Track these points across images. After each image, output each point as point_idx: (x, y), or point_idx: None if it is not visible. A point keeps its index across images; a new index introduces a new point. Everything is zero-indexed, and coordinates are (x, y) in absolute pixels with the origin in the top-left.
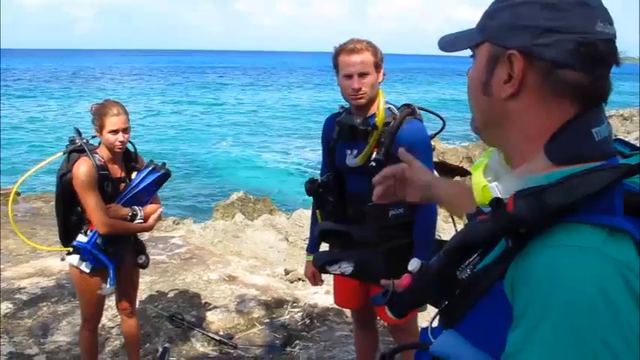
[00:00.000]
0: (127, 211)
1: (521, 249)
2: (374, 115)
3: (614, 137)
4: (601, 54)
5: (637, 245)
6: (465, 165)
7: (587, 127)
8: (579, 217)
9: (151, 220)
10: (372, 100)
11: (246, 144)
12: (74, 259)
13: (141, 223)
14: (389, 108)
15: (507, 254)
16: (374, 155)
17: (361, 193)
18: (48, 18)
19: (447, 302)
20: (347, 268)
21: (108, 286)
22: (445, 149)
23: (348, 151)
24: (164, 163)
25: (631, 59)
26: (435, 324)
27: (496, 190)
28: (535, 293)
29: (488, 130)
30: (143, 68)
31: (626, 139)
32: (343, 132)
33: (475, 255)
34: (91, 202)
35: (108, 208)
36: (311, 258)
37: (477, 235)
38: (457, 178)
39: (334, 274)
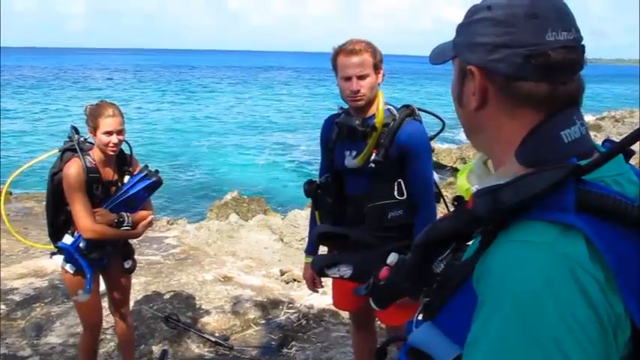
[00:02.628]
0: (112, 217)
1: (488, 246)
2: (373, 116)
3: (607, 138)
4: (555, 62)
5: (588, 242)
6: (459, 165)
7: (554, 130)
8: (534, 215)
9: (139, 228)
10: (371, 101)
11: (238, 143)
12: (59, 258)
13: (128, 229)
14: (388, 109)
15: (478, 251)
16: (373, 156)
17: (360, 194)
18: (39, 16)
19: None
20: (346, 271)
21: (83, 292)
22: (439, 150)
23: (347, 152)
24: (157, 171)
25: (622, 61)
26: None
27: None
28: (489, 286)
29: (471, 137)
30: (133, 67)
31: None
32: (342, 133)
33: (448, 250)
34: (76, 205)
35: (95, 212)
36: (310, 260)
37: (440, 230)
38: (451, 178)
39: (333, 277)
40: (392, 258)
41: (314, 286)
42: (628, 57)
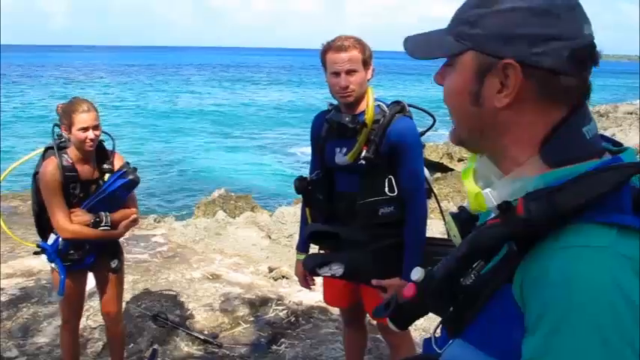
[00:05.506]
0: (88, 217)
1: (527, 252)
2: (363, 113)
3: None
4: (588, 57)
5: None
6: (445, 161)
7: (578, 127)
8: (589, 217)
9: (120, 227)
10: (360, 98)
11: (224, 141)
12: (43, 257)
13: (107, 229)
14: (378, 105)
15: (512, 257)
16: (363, 153)
17: (350, 191)
18: (21, 13)
19: (450, 310)
20: (337, 269)
21: (55, 294)
22: (426, 146)
23: (337, 149)
24: (135, 168)
25: (606, 56)
26: (438, 333)
27: (490, 196)
28: (552, 296)
29: (476, 140)
30: (117, 64)
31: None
32: (332, 130)
33: (480, 260)
34: (52, 204)
35: (71, 213)
36: (302, 257)
37: (489, 239)
38: (438, 174)
39: (325, 276)
40: (418, 274)
41: (306, 283)
42: (612, 53)
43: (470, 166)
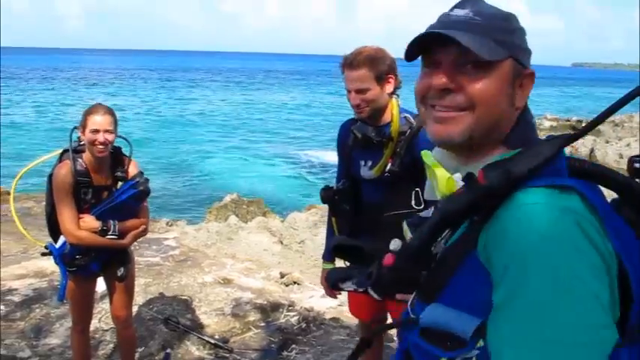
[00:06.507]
0: (97, 225)
1: (488, 218)
2: (389, 125)
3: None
4: None
5: (582, 198)
6: None
7: (530, 118)
8: (534, 182)
9: (128, 237)
10: (381, 110)
11: (235, 146)
12: (52, 259)
13: (114, 238)
14: (404, 117)
15: (475, 226)
16: (389, 166)
17: (376, 202)
18: (35, 16)
19: (425, 278)
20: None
21: (55, 299)
22: None
23: (362, 162)
24: (147, 179)
25: (621, 66)
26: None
27: (459, 179)
28: (511, 251)
29: (486, 136)
30: (129, 69)
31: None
32: (358, 141)
33: (447, 230)
34: (61, 208)
35: (80, 218)
36: (328, 266)
37: (457, 206)
38: None
39: (347, 291)
40: (396, 244)
41: (331, 292)
42: (627, 62)
43: (433, 160)
